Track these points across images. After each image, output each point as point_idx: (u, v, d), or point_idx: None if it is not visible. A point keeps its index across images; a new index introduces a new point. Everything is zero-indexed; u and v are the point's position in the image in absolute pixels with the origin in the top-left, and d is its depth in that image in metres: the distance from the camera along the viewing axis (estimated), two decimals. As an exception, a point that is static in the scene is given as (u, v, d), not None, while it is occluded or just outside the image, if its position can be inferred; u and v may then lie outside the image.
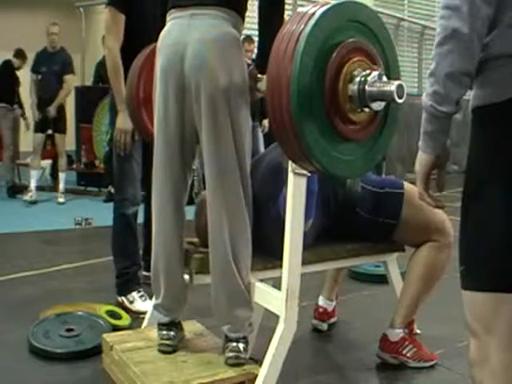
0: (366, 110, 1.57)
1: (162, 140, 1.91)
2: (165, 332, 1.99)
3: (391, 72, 1.65)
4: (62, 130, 6.43)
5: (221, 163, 1.83)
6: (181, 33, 1.82)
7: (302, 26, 1.50)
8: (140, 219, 3.01)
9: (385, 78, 1.55)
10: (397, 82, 1.50)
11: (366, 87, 1.52)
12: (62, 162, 6.51)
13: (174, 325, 2.01)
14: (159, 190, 1.95)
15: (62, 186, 6.44)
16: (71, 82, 6.39)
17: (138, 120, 2.34)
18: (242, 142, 1.85)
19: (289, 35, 1.52)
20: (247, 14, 1.92)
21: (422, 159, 1.22)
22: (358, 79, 1.53)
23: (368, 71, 1.54)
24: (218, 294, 1.90)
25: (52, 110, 6.15)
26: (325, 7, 1.53)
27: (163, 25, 1.92)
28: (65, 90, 6.29)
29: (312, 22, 1.50)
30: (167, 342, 1.98)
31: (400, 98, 1.48)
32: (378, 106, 1.57)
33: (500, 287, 1.15)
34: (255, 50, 6.35)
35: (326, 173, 1.65)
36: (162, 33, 1.90)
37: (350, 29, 1.57)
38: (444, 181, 1.30)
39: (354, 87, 1.53)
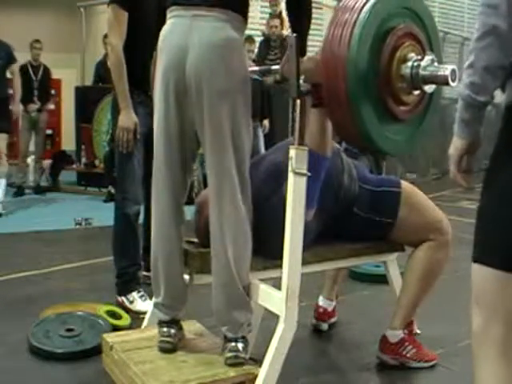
0: (416, 92, 1.72)
1: (163, 140, 1.91)
2: (165, 329, 1.99)
3: (436, 57, 1.77)
4: (4, 128, 5.74)
5: (220, 166, 1.83)
6: (183, 35, 1.81)
7: (357, 14, 1.63)
8: (140, 219, 3.01)
9: (436, 63, 1.69)
10: (450, 67, 1.64)
11: (420, 71, 1.66)
12: (2, 166, 5.83)
13: (174, 322, 2.01)
14: (159, 188, 1.96)
15: (0, 195, 5.62)
16: (18, 70, 5.90)
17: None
18: (242, 146, 1.85)
19: (343, 22, 1.65)
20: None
21: (457, 144, 1.31)
22: (410, 63, 1.68)
23: (420, 56, 1.69)
24: (218, 296, 1.91)
25: (16, 108, 5.75)
26: None
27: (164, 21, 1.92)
28: (18, 83, 5.81)
29: (367, 8, 1.63)
30: (168, 339, 1.98)
31: (453, 81, 1.61)
32: (430, 88, 1.72)
33: (507, 266, 1.21)
34: (256, 50, 6.38)
35: (377, 151, 1.82)
36: (163, 32, 1.89)
37: (400, 15, 1.73)
38: (472, 166, 1.37)
39: (407, 69, 1.68)
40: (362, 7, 1.65)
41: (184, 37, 1.81)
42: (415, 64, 1.68)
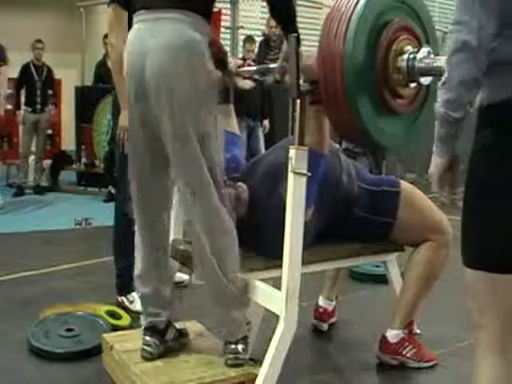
0: (412, 85, 1.71)
1: (131, 144, 1.96)
2: (147, 338, 2.00)
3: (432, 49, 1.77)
4: None
5: (188, 168, 1.83)
6: (143, 40, 1.80)
7: (352, 9, 1.63)
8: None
9: (432, 55, 1.68)
10: (446, 58, 1.61)
11: (415, 63, 1.65)
12: None
13: (155, 331, 1.99)
14: (135, 203, 2.02)
15: None
16: (5, 71, 5.82)
17: None
18: (210, 150, 1.83)
19: (338, 16, 1.65)
20: (247, 13, 1.93)
21: (437, 163, 1.33)
22: (406, 56, 1.68)
23: (416, 48, 1.68)
24: (209, 300, 1.92)
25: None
26: None
27: None
28: (4, 80, 5.81)
29: (362, 2, 1.63)
30: (146, 347, 1.98)
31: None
32: (426, 80, 1.72)
33: (496, 268, 1.26)
34: (256, 50, 6.39)
35: (374, 144, 1.80)
36: (129, 35, 1.88)
37: (396, 9, 1.73)
38: (457, 180, 1.39)
39: (403, 62, 1.68)
40: (358, 1, 1.66)
41: (144, 42, 1.79)
42: (411, 56, 1.68)
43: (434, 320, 2.60)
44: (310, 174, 1.76)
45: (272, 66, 1.94)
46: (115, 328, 2.52)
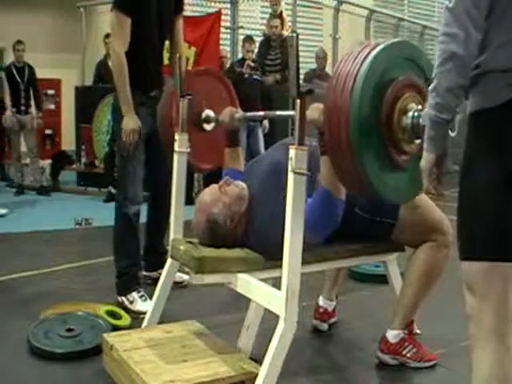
0: (417, 141, 1.73)
1: None
2: None
3: None
4: None
5: None
6: None
7: (359, 66, 1.66)
8: (142, 219, 3.01)
9: None
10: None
11: (420, 120, 1.67)
12: None
13: None
14: None
15: None
16: None
17: (170, 136, 2.52)
18: None
19: (345, 74, 1.68)
20: (248, 14, 1.94)
21: (427, 158, 1.47)
22: (411, 114, 1.70)
23: (420, 106, 1.70)
24: None
25: None
26: (378, 47, 1.69)
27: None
28: None
29: (368, 60, 1.66)
30: None
31: (452, 131, 1.64)
32: None
33: (490, 257, 1.35)
34: (255, 50, 6.39)
35: (380, 198, 1.82)
36: None
37: (401, 66, 1.75)
38: (442, 177, 1.52)
39: (407, 120, 1.71)
40: (364, 59, 1.67)
41: None
42: (416, 114, 1.70)
43: (433, 320, 2.60)
44: (309, 173, 1.77)
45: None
46: (115, 328, 2.52)
